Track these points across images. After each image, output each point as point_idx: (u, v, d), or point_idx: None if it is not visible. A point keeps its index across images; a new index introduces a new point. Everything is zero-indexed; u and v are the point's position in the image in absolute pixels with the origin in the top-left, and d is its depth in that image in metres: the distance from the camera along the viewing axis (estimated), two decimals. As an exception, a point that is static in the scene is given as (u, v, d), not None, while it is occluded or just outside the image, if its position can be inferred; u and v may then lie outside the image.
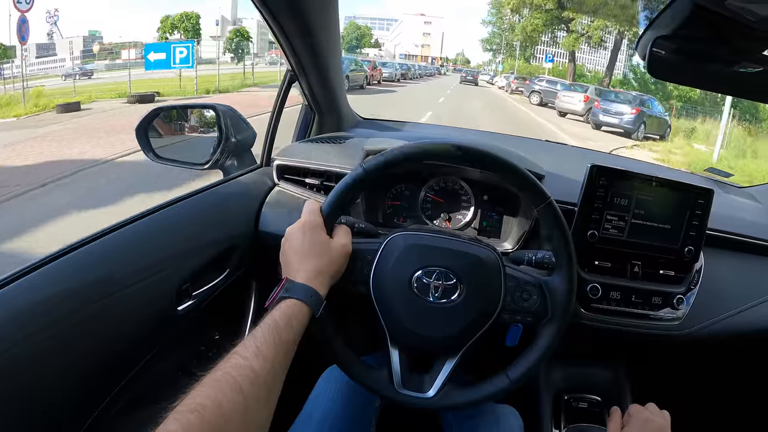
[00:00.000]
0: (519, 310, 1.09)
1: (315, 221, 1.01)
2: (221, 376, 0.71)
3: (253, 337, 0.80)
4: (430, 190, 1.54)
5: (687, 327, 1.40)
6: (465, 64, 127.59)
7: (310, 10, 1.25)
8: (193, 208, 1.27)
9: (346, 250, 1.02)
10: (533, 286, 1.10)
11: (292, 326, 0.86)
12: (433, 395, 1.09)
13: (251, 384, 0.72)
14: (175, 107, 1.80)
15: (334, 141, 1.67)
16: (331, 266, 0.98)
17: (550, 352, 1.09)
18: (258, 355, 0.77)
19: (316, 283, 0.94)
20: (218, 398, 0.67)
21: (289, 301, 0.89)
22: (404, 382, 1.10)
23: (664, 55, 0.98)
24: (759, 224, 1.68)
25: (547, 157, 1.65)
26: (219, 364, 0.74)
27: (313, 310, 0.91)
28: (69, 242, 0.98)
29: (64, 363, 0.89)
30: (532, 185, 1.06)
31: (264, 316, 0.86)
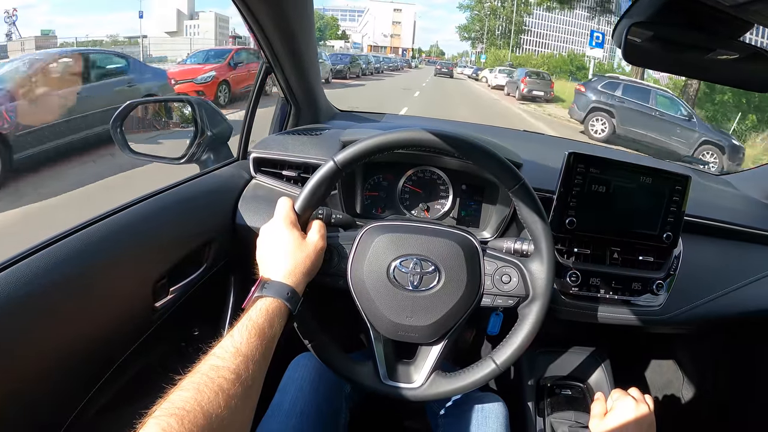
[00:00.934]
0: (500, 293, 1.10)
1: (288, 218, 1.01)
2: (200, 378, 0.70)
3: (231, 337, 0.80)
4: (408, 180, 1.54)
5: (667, 312, 1.42)
6: (440, 56, 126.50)
7: (285, 2, 1.24)
8: (168, 203, 1.26)
9: (320, 246, 1.02)
10: (513, 267, 1.11)
11: (271, 325, 0.85)
12: (421, 385, 1.10)
13: (231, 384, 0.72)
14: (149, 101, 1.78)
15: (311, 133, 1.66)
16: (306, 263, 0.97)
17: (534, 333, 1.09)
18: (236, 355, 0.76)
19: (292, 280, 0.94)
20: (198, 400, 0.67)
21: (266, 299, 0.89)
22: (390, 374, 1.11)
23: (640, 42, 0.98)
24: (736, 210, 1.70)
25: (526, 146, 1.66)
26: (197, 367, 0.74)
27: (290, 307, 0.91)
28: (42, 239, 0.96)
29: (41, 363, 0.88)
30: (505, 168, 1.06)
31: (241, 316, 0.85)
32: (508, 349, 1.09)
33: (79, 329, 0.95)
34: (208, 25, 65.13)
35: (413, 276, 1.05)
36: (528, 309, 1.10)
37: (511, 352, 1.08)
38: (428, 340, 1.10)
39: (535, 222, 1.08)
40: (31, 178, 5.89)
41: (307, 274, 0.98)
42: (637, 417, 1.11)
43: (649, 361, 2.16)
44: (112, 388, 1.07)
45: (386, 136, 1.05)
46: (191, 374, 0.72)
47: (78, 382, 0.98)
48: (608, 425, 1.12)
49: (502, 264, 1.11)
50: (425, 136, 1.04)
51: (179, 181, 1.36)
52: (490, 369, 1.09)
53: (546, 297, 1.09)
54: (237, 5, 1.19)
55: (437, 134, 1.04)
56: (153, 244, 1.17)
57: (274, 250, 0.98)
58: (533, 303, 1.09)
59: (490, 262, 1.11)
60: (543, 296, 1.09)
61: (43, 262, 0.90)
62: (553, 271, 1.09)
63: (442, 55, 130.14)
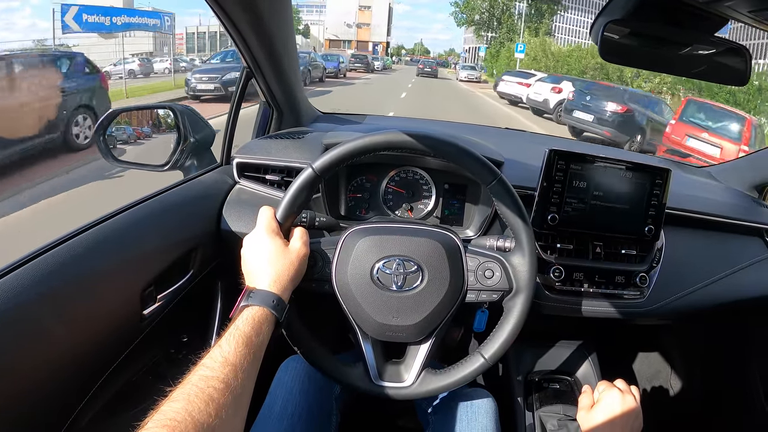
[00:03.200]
0: (484, 288, 1.11)
1: (270, 227, 1.02)
2: (190, 389, 0.71)
3: (219, 347, 0.80)
4: (390, 181, 1.55)
5: (651, 304, 1.44)
6: (425, 54, 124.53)
7: (262, 6, 1.24)
8: (153, 211, 1.26)
9: (303, 253, 1.03)
10: (495, 262, 1.12)
11: (258, 333, 0.86)
12: (411, 383, 1.11)
13: (221, 394, 0.72)
14: (132, 108, 1.77)
15: (294, 136, 1.66)
16: (290, 270, 0.98)
17: (520, 325, 1.10)
18: (225, 365, 0.77)
19: (277, 288, 0.95)
20: (189, 411, 0.67)
21: (253, 308, 0.90)
22: (381, 374, 1.12)
23: (617, 39, 1.00)
24: (717, 201, 1.72)
25: (508, 144, 1.67)
26: (187, 377, 0.74)
27: (276, 315, 0.92)
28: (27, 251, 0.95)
29: (31, 376, 0.87)
30: (481, 164, 1.07)
31: (228, 326, 0.86)
32: (495, 342, 1.10)
33: (68, 340, 0.95)
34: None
35: (397, 276, 1.06)
36: (512, 302, 1.11)
37: (498, 346, 1.10)
38: (415, 339, 1.11)
39: (513, 216, 1.09)
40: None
41: (292, 281, 0.99)
42: (623, 407, 1.13)
43: (636, 353, 2.18)
44: (103, 396, 1.07)
45: (363, 139, 1.06)
46: (182, 385, 0.72)
47: (69, 392, 0.98)
48: (595, 417, 1.15)
49: (485, 259, 1.12)
50: (401, 137, 1.05)
51: (163, 188, 1.36)
52: (479, 363, 1.10)
53: (529, 289, 1.10)
54: (214, 10, 1.19)
55: (413, 135, 1.05)
56: (139, 253, 1.17)
57: (257, 260, 0.99)
58: (517, 296, 1.11)
59: (473, 258, 1.12)
60: (526, 289, 1.10)
61: (30, 274, 0.90)
62: (535, 263, 1.10)
63: (427, 53, 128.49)
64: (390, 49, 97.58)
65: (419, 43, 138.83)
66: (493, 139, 1.65)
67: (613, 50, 1.00)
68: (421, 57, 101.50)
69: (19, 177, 5.86)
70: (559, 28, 57.40)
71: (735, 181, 1.97)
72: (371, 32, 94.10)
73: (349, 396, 1.33)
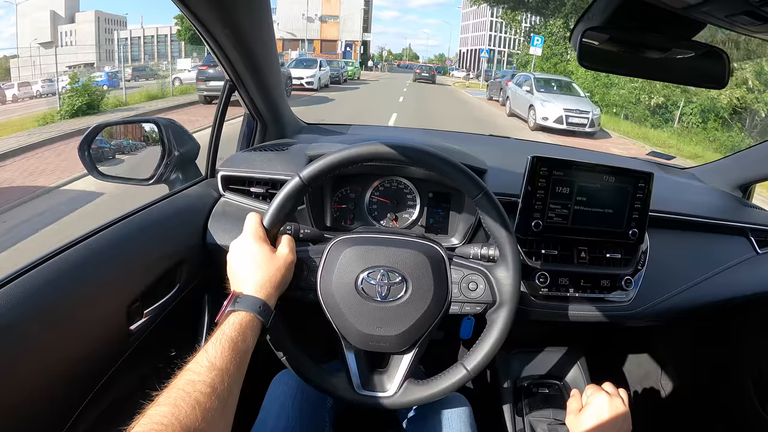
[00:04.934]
0: (467, 300, 1.12)
1: (257, 233, 1.03)
2: (176, 393, 0.71)
3: (205, 351, 0.81)
4: (375, 191, 1.55)
5: (637, 307, 1.46)
6: (413, 59, 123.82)
7: (242, 20, 1.24)
8: (138, 225, 1.25)
9: (290, 260, 1.03)
10: (479, 275, 1.13)
11: (245, 338, 0.87)
12: (394, 393, 1.12)
13: (207, 398, 0.73)
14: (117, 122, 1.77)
15: (278, 148, 1.66)
16: (276, 277, 0.99)
17: (503, 338, 1.11)
18: (212, 369, 0.77)
19: (264, 294, 0.95)
20: (175, 414, 0.68)
21: (239, 313, 0.90)
22: (363, 383, 1.12)
23: (596, 45, 1.01)
24: (701, 202, 1.74)
25: (491, 152, 1.67)
26: (172, 382, 0.75)
27: (263, 321, 0.92)
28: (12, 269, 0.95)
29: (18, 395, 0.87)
30: (467, 178, 1.08)
31: (214, 331, 0.87)
32: (478, 354, 1.11)
33: (54, 357, 0.94)
34: (87, 28, 52.39)
35: (381, 287, 1.07)
36: (496, 315, 1.12)
37: (480, 358, 1.10)
38: (399, 349, 1.12)
39: (498, 229, 1.10)
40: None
41: (278, 288, 0.99)
42: (611, 411, 1.14)
43: (626, 355, 2.19)
44: (91, 413, 1.06)
45: (350, 150, 1.06)
46: (168, 389, 0.73)
47: (56, 410, 0.97)
48: (584, 420, 1.15)
49: (469, 272, 1.13)
50: (388, 149, 1.06)
51: (149, 202, 1.35)
52: (461, 375, 1.11)
53: (513, 302, 1.11)
54: (193, 24, 1.18)
55: (400, 146, 1.06)
56: (125, 268, 1.16)
57: (244, 265, 0.99)
58: (501, 309, 1.12)
59: (457, 270, 1.13)
60: (510, 301, 1.11)
61: (16, 292, 0.90)
62: (519, 276, 1.11)
63: (416, 58, 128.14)
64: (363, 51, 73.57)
65: (407, 48, 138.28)
66: (477, 146, 1.66)
67: (591, 57, 1.02)
68: (409, 62, 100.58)
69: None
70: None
71: (719, 181, 1.99)
72: (340, 28, 72.04)
73: (341, 409, 1.33)
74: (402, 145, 1.07)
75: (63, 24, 55.24)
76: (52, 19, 53.94)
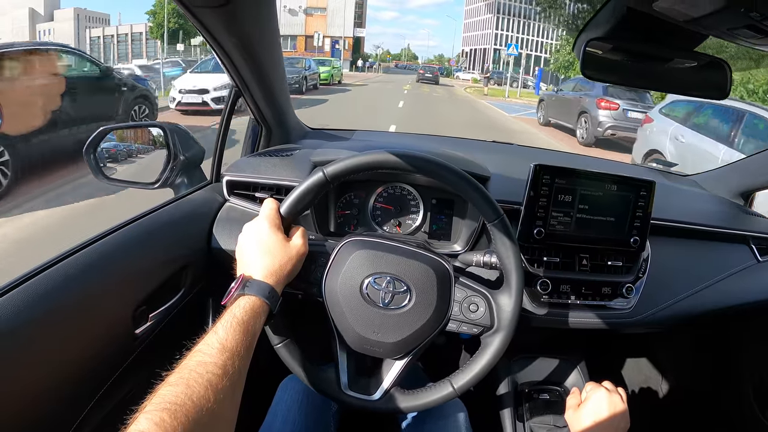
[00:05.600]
0: (466, 320, 1.14)
1: (273, 220, 1.04)
2: (188, 374, 0.72)
3: (215, 333, 0.82)
4: (379, 197, 1.56)
5: (638, 314, 1.46)
6: (412, 60, 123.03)
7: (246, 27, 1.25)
8: (143, 230, 1.26)
9: (303, 251, 1.04)
10: (481, 298, 1.15)
11: (254, 322, 0.88)
12: (378, 398, 1.13)
13: (219, 379, 0.74)
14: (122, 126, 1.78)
15: (283, 154, 1.67)
16: (287, 265, 0.99)
17: (494, 362, 1.12)
18: (222, 351, 0.78)
19: (273, 280, 0.96)
20: (188, 395, 0.68)
21: (249, 297, 0.91)
22: (350, 384, 1.14)
23: (599, 55, 1.02)
24: (702, 210, 1.75)
25: (494, 158, 1.68)
26: (182, 363, 0.75)
27: (271, 306, 0.93)
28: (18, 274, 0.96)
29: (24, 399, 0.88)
30: (487, 202, 1.10)
31: (222, 313, 0.87)
32: (466, 375, 1.12)
33: (60, 361, 0.95)
34: (66, 27, 49.03)
35: (385, 294, 1.08)
36: (491, 339, 1.14)
37: (469, 378, 1.12)
38: (392, 357, 1.13)
39: (508, 257, 1.12)
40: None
41: (287, 277, 1.00)
42: (609, 406, 1.16)
43: (625, 361, 2.20)
44: (96, 417, 1.07)
45: (377, 155, 1.08)
46: (178, 370, 0.73)
47: (62, 413, 0.98)
48: (582, 415, 1.17)
49: (472, 293, 1.15)
50: (410, 160, 1.08)
51: (154, 207, 1.36)
52: (447, 392, 1.12)
53: (510, 329, 1.12)
54: (200, 31, 1.19)
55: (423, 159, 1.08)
56: (131, 272, 1.17)
57: (256, 249, 1.00)
58: (496, 334, 1.13)
59: (461, 289, 1.15)
60: (506, 329, 1.12)
61: (22, 297, 0.90)
62: (519, 306, 1.13)
63: (414, 59, 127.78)
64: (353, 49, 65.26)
65: (406, 49, 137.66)
66: (480, 153, 1.67)
67: (595, 67, 1.03)
68: (408, 63, 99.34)
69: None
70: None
71: (720, 188, 1.99)
72: (328, 22, 64.97)
73: (345, 414, 1.34)
74: (426, 158, 1.08)
75: (42, 22, 51.91)
76: (31, 18, 51.68)
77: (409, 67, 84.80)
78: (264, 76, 1.50)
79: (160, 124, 1.62)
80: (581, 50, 0.99)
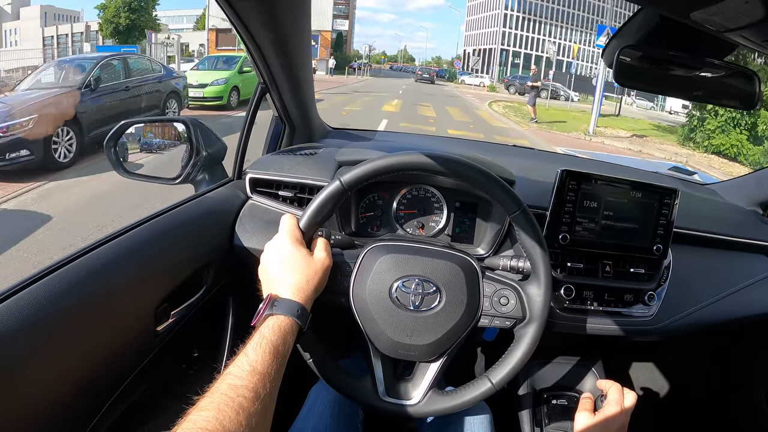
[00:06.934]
0: (498, 314, 1.13)
1: (294, 236, 1.03)
2: (219, 398, 0.72)
3: (246, 356, 0.81)
4: (402, 199, 1.55)
5: (659, 322, 1.46)
6: (409, 61, 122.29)
7: (283, 22, 1.25)
8: (166, 227, 1.26)
9: (327, 263, 1.04)
10: (510, 290, 1.14)
11: (284, 342, 0.87)
12: (418, 402, 1.12)
13: (251, 403, 0.73)
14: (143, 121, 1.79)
15: (306, 152, 1.67)
16: (313, 280, 0.99)
17: (530, 353, 1.12)
18: (253, 374, 0.78)
19: (301, 297, 0.95)
20: (219, 419, 0.68)
21: (278, 317, 0.90)
22: (388, 391, 1.13)
23: (630, 62, 1.02)
24: (722, 219, 1.75)
25: (516, 163, 1.68)
26: (213, 387, 0.75)
27: (301, 325, 0.93)
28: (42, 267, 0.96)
29: (45, 392, 0.88)
30: (507, 193, 1.09)
31: (252, 334, 0.87)
32: (503, 368, 1.12)
33: (83, 356, 0.95)
34: (33, 25, 45.09)
35: (415, 296, 1.08)
36: (524, 330, 1.13)
37: (506, 372, 1.12)
38: (427, 359, 1.12)
39: (533, 247, 1.11)
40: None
41: (316, 291, 0.99)
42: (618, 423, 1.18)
43: (641, 367, 2.19)
44: (116, 412, 1.07)
45: (392, 158, 1.08)
46: (209, 394, 0.73)
47: (83, 407, 0.98)
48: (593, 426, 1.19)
49: (501, 286, 1.14)
50: (428, 160, 1.07)
51: (177, 203, 1.36)
52: (486, 388, 1.12)
53: (542, 319, 1.12)
54: (234, 24, 1.19)
55: (439, 158, 1.07)
56: (154, 269, 1.17)
57: (281, 267, 0.99)
58: (530, 325, 1.13)
59: (489, 284, 1.14)
60: (539, 318, 1.12)
61: (46, 290, 0.90)
62: (550, 295, 1.12)
63: (411, 60, 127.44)
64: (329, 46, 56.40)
65: (403, 50, 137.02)
66: (502, 157, 1.66)
67: (626, 74, 1.03)
68: (404, 65, 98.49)
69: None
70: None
71: (739, 198, 1.98)
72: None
73: (371, 420, 1.34)
74: (442, 157, 1.08)
75: (8, 21, 47.96)
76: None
77: (406, 69, 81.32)
78: (294, 74, 1.50)
79: (183, 118, 1.62)
80: (614, 58, 0.99)
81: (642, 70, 1.05)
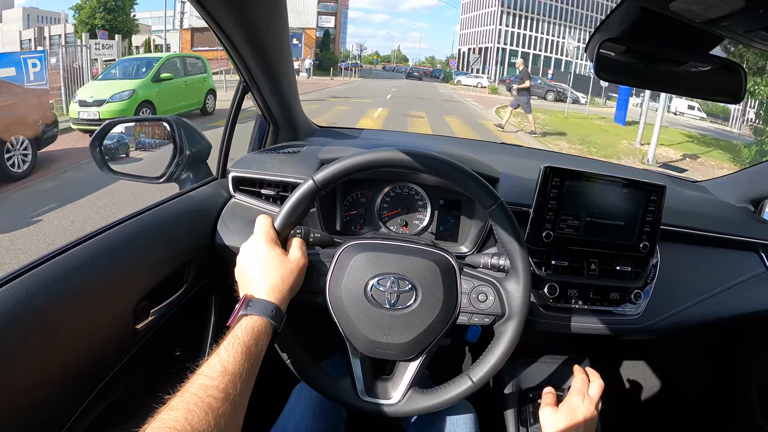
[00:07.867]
0: (476, 311, 1.11)
1: (269, 236, 1.02)
2: (189, 398, 0.71)
3: (218, 356, 0.81)
4: (386, 197, 1.55)
5: (646, 320, 1.45)
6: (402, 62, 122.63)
7: (256, 21, 1.24)
8: (148, 224, 1.25)
9: (302, 263, 1.03)
10: (489, 286, 1.12)
11: (257, 343, 0.86)
12: (398, 401, 1.11)
13: (220, 403, 0.73)
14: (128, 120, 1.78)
15: (289, 151, 1.66)
16: (288, 280, 0.98)
17: (510, 351, 1.11)
18: (224, 374, 0.77)
19: (276, 297, 0.94)
20: (188, 419, 0.68)
21: (252, 317, 0.89)
22: (368, 390, 1.12)
23: (613, 56, 1.00)
24: (712, 216, 1.73)
25: (502, 160, 1.67)
26: (185, 386, 0.74)
27: (275, 325, 0.92)
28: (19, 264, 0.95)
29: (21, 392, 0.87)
30: (482, 188, 1.08)
31: (226, 334, 0.86)
32: (484, 366, 1.10)
33: (59, 355, 0.94)
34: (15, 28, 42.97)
35: (390, 294, 1.06)
36: (504, 327, 1.12)
37: (487, 370, 1.10)
38: (405, 357, 1.11)
39: (511, 242, 1.10)
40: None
41: (291, 291, 0.99)
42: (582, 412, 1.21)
43: (631, 367, 2.18)
44: (95, 411, 1.07)
45: (364, 156, 1.06)
46: (180, 393, 0.73)
47: (61, 406, 0.97)
48: (557, 418, 1.22)
49: (479, 283, 1.12)
50: (402, 156, 1.06)
51: (158, 201, 1.36)
52: (466, 386, 1.10)
53: (522, 315, 1.10)
54: (208, 24, 1.18)
55: (414, 154, 1.06)
56: (133, 267, 1.17)
57: (256, 268, 0.98)
58: (509, 321, 1.11)
59: (467, 280, 1.12)
60: (519, 314, 1.10)
61: (22, 289, 0.89)
62: (529, 290, 1.11)
63: (405, 61, 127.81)
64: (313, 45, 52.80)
65: (396, 50, 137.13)
66: (488, 155, 1.65)
67: (608, 68, 1.01)
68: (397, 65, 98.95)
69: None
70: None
71: (730, 195, 1.97)
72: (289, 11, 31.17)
73: (356, 420, 1.33)
74: (417, 153, 1.06)
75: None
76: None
77: (398, 69, 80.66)
78: (273, 72, 1.49)
79: (167, 118, 1.62)
80: (595, 52, 0.98)
81: (624, 65, 1.03)
